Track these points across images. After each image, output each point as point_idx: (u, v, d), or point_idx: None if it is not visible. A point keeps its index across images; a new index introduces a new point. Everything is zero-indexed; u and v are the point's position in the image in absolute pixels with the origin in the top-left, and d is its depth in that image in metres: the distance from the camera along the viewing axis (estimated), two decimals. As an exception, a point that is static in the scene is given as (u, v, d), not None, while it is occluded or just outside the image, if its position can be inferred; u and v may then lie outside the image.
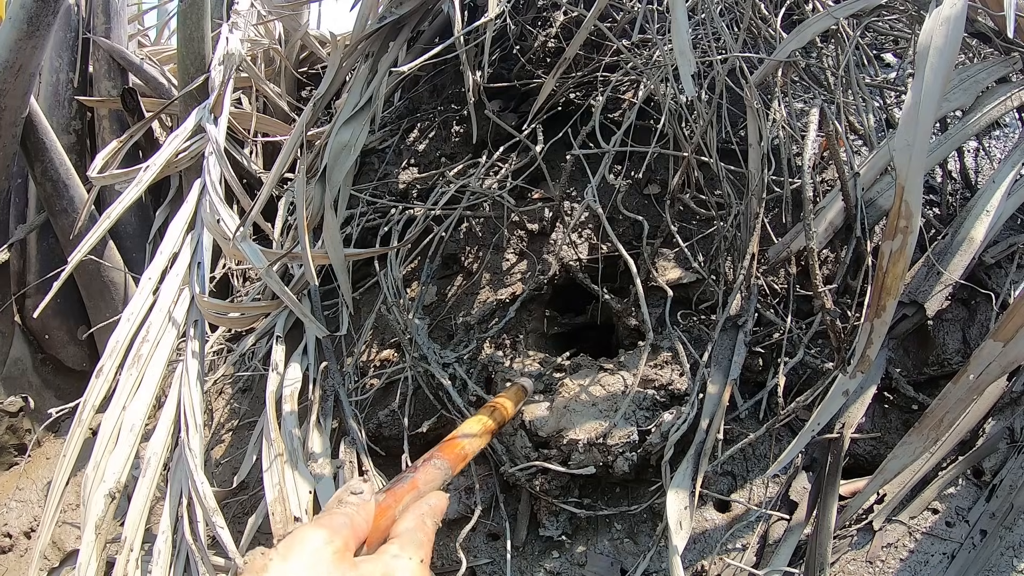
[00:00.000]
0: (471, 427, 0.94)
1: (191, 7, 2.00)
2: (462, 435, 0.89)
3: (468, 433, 0.91)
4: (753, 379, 1.35)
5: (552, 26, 1.79)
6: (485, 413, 1.02)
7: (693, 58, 1.08)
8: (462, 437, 0.89)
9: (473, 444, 0.90)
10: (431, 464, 0.76)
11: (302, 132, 1.69)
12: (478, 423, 0.97)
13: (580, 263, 1.54)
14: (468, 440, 0.89)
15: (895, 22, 1.72)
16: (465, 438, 0.89)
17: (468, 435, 0.90)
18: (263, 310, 1.68)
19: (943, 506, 1.14)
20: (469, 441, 0.89)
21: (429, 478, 0.74)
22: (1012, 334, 0.95)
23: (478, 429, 0.94)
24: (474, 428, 0.94)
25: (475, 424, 0.96)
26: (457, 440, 0.87)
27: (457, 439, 0.88)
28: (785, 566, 1.09)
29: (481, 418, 0.99)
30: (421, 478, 0.73)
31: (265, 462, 1.29)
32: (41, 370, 2.20)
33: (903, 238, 0.93)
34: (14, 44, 1.73)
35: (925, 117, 0.90)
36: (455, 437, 0.88)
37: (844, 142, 1.31)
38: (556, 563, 1.24)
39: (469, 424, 0.96)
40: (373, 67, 1.79)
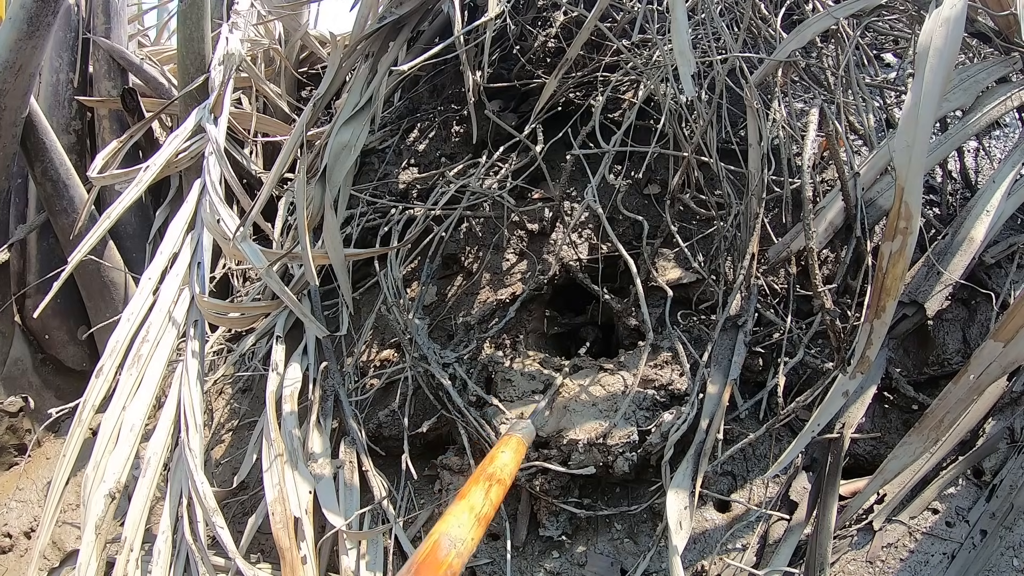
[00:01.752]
0: (458, 523, 0.69)
1: (191, 7, 2.00)
2: (447, 542, 0.65)
3: (455, 537, 0.67)
4: (753, 379, 1.35)
5: (552, 26, 1.79)
6: (479, 493, 0.78)
7: (693, 58, 1.08)
8: (447, 545, 0.65)
9: (463, 553, 0.67)
10: None
11: (302, 132, 1.69)
12: (469, 514, 0.72)
13: (580, 263, 1.54)
14: (456, 549, 0.66)
15: (895, 22, 1.72)
16: (451, 546, 0.65)
17: (455, 540, 0.66)
18: (263, 310, 1.67)
19: (943, 506, 1.14)
20: (457, 550, 0.66)
21: None
22: (1012, 334, 0.95)
23: (468, 524, 0.70)
24: (463, 524, 0.69)
25: (462, 516, 0.71)
26: (440, 553, 0.64)
27: (440, 549, 0.64)
28: (785, 566, 1.09)
29: (473, 504, 0.75)
30: None
31: (265, 462, 1.29)
32: (41, 370, 2.20)
33: (903, 239, 0.93)
34: (14, 44, 1.72)
35: (925, 117, 0.90)
36: (437, 544, 0.64)
37: (844, 142, 1.31)
38: (556, 563, 1.24)
39: (456, 516, 0.70)
40: (373, 67, 1.79)
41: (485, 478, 0.84)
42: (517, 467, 0.96)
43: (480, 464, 0.88)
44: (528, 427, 1.07)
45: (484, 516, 0.76)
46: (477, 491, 0.80)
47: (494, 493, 0.82)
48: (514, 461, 0.96)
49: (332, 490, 1.29)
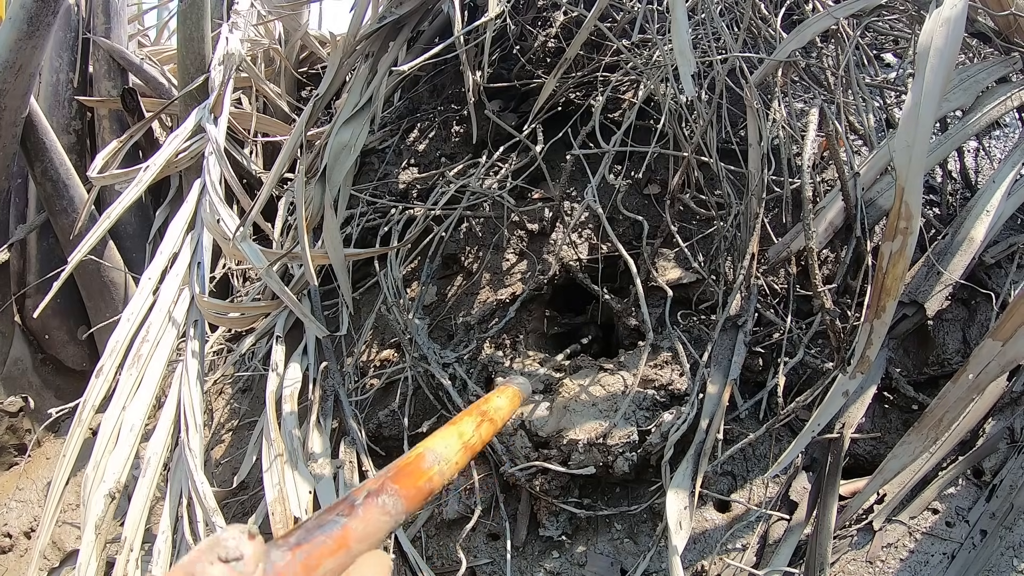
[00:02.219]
0: (445, 443, 0.68)
1: (191, 7, 2.00)
2: (432, 457, 0.64)
3: (440, 455, 0.65)
4: (753, 379, 1.35)
5: (552, 26, 1.79)
6: (470, 423, 0.78)
7: (693, 58, 1.08)
8: (432, 460, 0.63)
9: (445, 472, 0.64)
10: (376, 504, 0.51)
11: (302, 132, 1.69)
12: (457, 439, 0.71)
13: (580, 263, 1.54)
14: (439, 466, 0.63)
15: (895, 22, 1.72)
16: (435, 462, 0.63)
17: (440, 458, 0.64)
18: (263, 310, 1.68)
19: (943, 506, 1.14)
20: (440, 468, 0.64)
21: (369, 527, 0.48)
22: (1011, 333, 0.95)
23: (455, 448, 0.69)
24: (449, 446, 0.69)
25: (451, 439, 0.70)
26: (422, 464, 0.62)
27: (424, 461, 0.62)
28: (785, 566, 1.09)
29: (463, 431, 0.75)
30: (355, 528, 0.47)
31: (265, 462, 1.29)
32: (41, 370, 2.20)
33: (903, 239, 0.93)
34: (14, 44, 1.73)
35: (925, 117, 0.90)
36: (421, 456, 0.63)
37: (844, 142, 1.31)
38: (556, 563, 1.24)
39: (444, 437, 0.70)
40: (373, 67, 1.79)
41: (479, 413, 0.80)
42: (509, 415, 0.91)
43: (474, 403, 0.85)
44: (525, 383, 1.03)
45: (471, 445, 0.73)
46: (468, 421, 0.77)
47: (484, 429, 0.78)
48: (508, 407, 0.91)
49: (332, 490, 1.29)
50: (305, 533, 0.43)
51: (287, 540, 0.42)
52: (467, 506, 1.31)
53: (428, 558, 1.29)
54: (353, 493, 0.50)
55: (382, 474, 0.55)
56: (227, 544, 0.36)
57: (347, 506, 0.48)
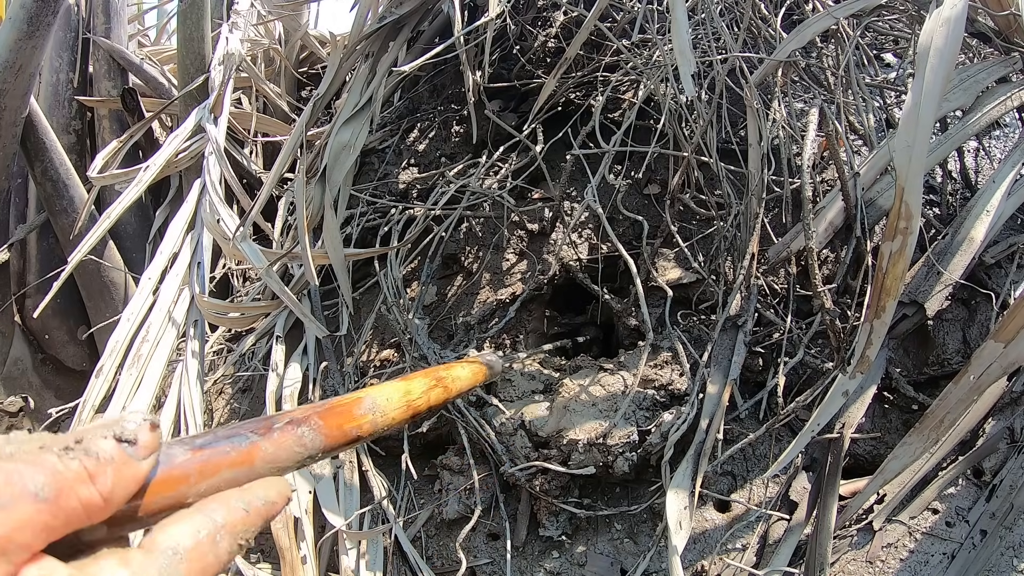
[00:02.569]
0: (387, 395, 0.63)
1: (191, 7, 2.00)
2: (369, 404, 0.59)
3: (378, 405, 0.60)
4: (753, 379, 1.35)
5: (552, 26, 1.79)
6: (421, 384, 0.71)
7: (693, 58, 1.08)
8: (367, 407, 0.58)
9: (378, 423, 0.59)
10: (294, 432, 0.47)
11: (302, 132, 1.69)
12: (402, 395, 0.65)
13: (580, 263, 1.54)
14: (372, 416, 0.58)
15: (895, 22, 1.72)
16: (371, 410, 0.58)
17: (376, 408, 0.59)
18: (263, 310, 1.68)
19: (943, 506, 1.14)
20: (373, 418, 0.58)
21: (280, 452, 0.45)
22: (1013, 335, 0.95)
23: (396, 403, 0.63)
24: (391, 399, 0.63)
25: (394, 392, 0.64)
26: (356, 409, 0.57)
27: (359, 406, 0.58)
28: (785, 566, 1.09)
29: (411, 388, 0.68)
30: (265, 448, 0.44)
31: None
32: (41, 370, 2.20)
33: (903, 239, 0.93)
34: (14, 44, 1.73)
35: (925, 117, 0.90)
36: (359, 400, 0.58)
37: (844, 142, 1.31)
38: (556, 563, 1.24)
39: (389, 389, 0.64)
40: (373, 67, 1.79)
41: (434, 377, 0.74)
42: (468, 387, 0.85)
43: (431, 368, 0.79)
44: (496, 361, 0.94)
45: (414, 405, 0.67)
46: (420, 382, 0.71)
47: (435, 394, 0.72)
48: (468, 379, 0.85)
49: (332, 490, 1.30)
50: (212, 438, 0.41)
51: (192, 440, 0.40)
52: (467, 506, 1.31)
53: (428, 558, 1.29)
54: (277, 416, 0.48)
55: (313, 406, 0.53)
56: (127, 426, 0.34)
57: (264, 426, 0.46)
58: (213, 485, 0.39)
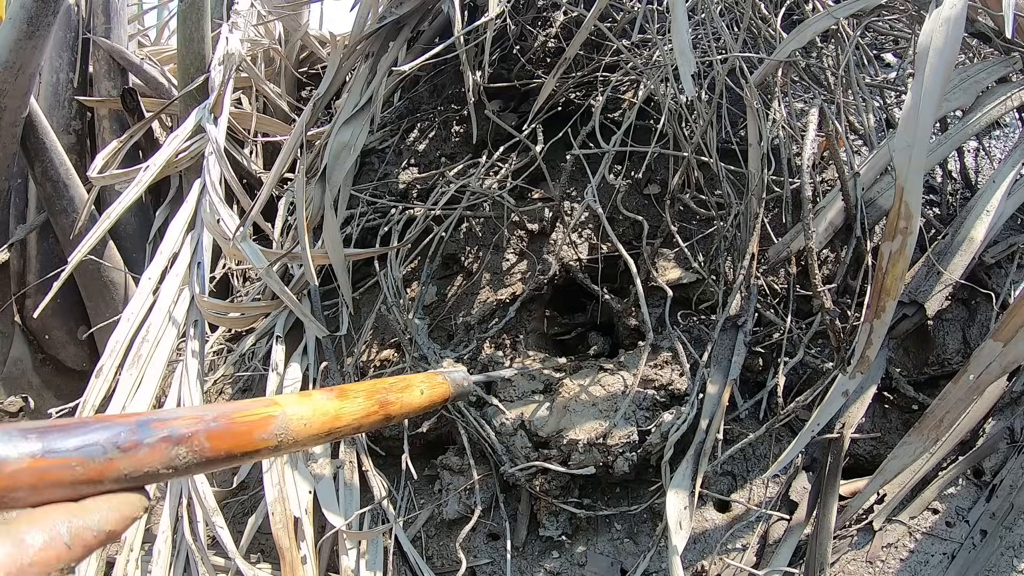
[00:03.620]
0: (307, 417, 0.52)
1: (191, 7, 2.00)
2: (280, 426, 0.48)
3: (289, 429, 0.49)
4: (753, 379, 1.35)
5: (552, 26, 1.79)
6: (358, 407, 0.59)
7: (693, 58, 1.08)
8: (276, 431, 0.48)
9: (282, 448, 0.49)
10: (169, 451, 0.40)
11: (302, 132, 1.69)
12: (327, 419, 0.54)
13: (580, 263, 1.54)
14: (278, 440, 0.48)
15: (895, 22, 1.72)
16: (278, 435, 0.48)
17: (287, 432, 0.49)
18: (263, 310, 1.67)
19: (943, 506, 1.14)
20: (279, 442, 0.49)
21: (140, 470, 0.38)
22: (1012, 334, 0.95)
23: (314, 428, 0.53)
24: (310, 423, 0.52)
25: (317, 415, 0.53)
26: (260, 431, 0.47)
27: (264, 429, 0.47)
28: (785, 566, 1.09)
29: (340, 410, 0.56)
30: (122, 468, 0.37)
31: (265, 462, 1.29)
32: (41, 370, 2.20)
33: (903, 239, 0.93)
34: (14, 44, 1.73)
35: (925, 117, 0.90)
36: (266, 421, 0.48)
37: (844, 142, 1.31)
38: (556, 563, 1.24)
39: (308, 409, 0.53)
40: (373, 67, 1.79)
41: (378, 401, 0.62)
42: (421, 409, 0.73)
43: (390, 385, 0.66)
44: (463, 375, 0.81)
45: (338, 432, 0.56)
46: (358, 403, 0.59)
47: (371, 420, 0.60)
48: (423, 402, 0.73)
49: (332, 490, 1.30)
50: (64, 436, 0.34)
51: (43, 434, 0.33)
52: (467, 506, 1.31)
53: (428, 558, 1.29)
54: (153, 425, 0.40)
55: (204, 419, 0.43)
56: None
57: (132, 441, 0.38)
58: (45, 497, 0.33)
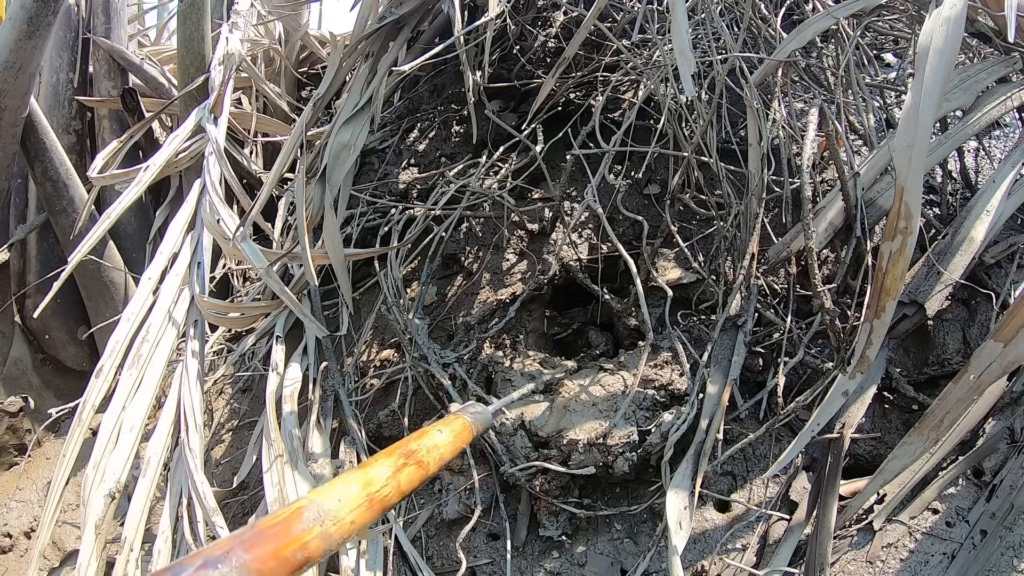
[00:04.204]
0: (338, 495, 0.51)
1: (191, 7, 2.00)
2: (314, 513, 0.47)
3: (326, 511, 0.48)
4: (753, 379, 1.35)
5: (552, 26, 1.79)
6: (386, 467, 0.58)
7: (693, 58, 1.08)
8: (311, 518, 0.47)
9: (333, 535, 0.48)
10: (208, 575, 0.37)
11: (302, 132, 1.69)
12: (360, 489, 0.53)
13: (580, 263, 1.54)
14: (321, 527, 0.47)
15: (895, 22, 1.72)
16: (316, 521, 0.47)
17: (324, 516, 0.48)
18: (263, 310, 1.67)
19: (943, 506, 1.14)
20: (323, 530, 0.47)
21: None
22: (1012, 334, 0.95)
23: (352, 502, 0.52)
24: (344, 498, 0.51)
25: (347, 489, 0.52)
26: (295, 524, 0.46)
27: (299, 521, 0.46)
28: (785, 566, 1.09)
29: (371, 478, 0.56)
30: None
31: (265, 462, 1.29)
32: (41, 370, 2.20)
33: (903, 239, 0.93)
34: (14, 44, 1.73)
35: (925, 117, 0.90)
36: (297, 513, 0.47)
37: (844, 142, 1.31)
38: (556, 563, 1.24)
39: (342, 486, 0.52)
40: (373, 67, 1.79)
41: (403, 454, 0.62)
42: (453, 453, 0.75)
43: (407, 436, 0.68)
44: (483, 413, 0.83)
45: (381, 499, 0.55)
46: (384, 466, 0.58)
47: (406, 475, 0.60)
48: (450, 445, 0.74)
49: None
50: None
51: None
52: (467, 506, 1.31)
53: (428, 558, 1.29)
54: (184, 560, 0.38)
55: (237, 535, 0.42)
56: None
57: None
58: None
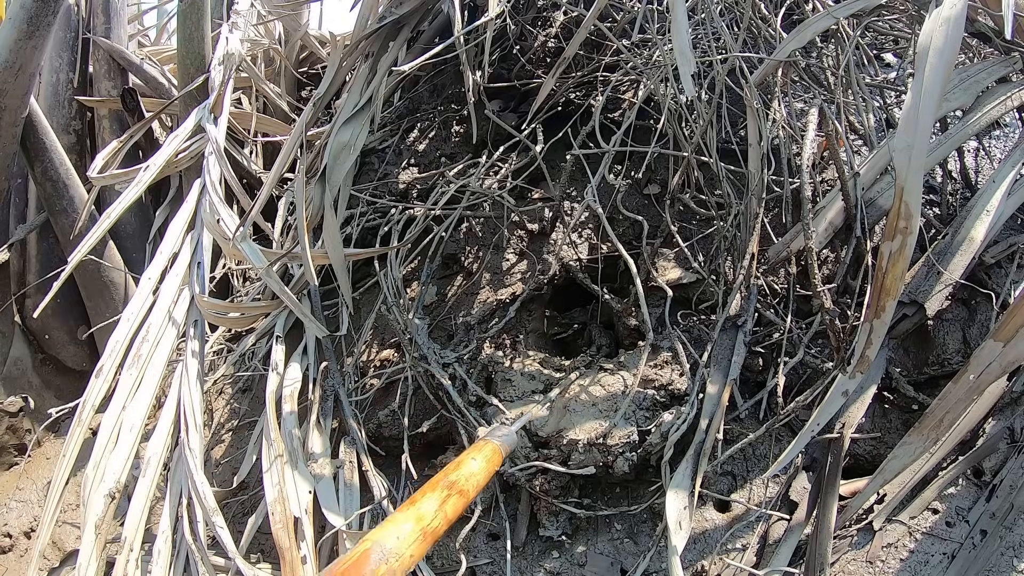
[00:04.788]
0: (397, 534, 0.57)
1: (191, 7, 2.00)
2: (379, 554, 0.53)
3: (389, 551, 0.55)
4: (753, 379, 1.35)
5: (552, 26, 1.79)
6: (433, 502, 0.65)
7: (693, 58, 1.08)
8: (379, 557, 0.53)
9: (396, 570, 0.55)
10: None
11: (302, 132, 1.69)
12: (414, 525, 0.59)
13: (580, 263, 1.54)
14: (389, 564, 0.54)
15: (895, 22, 1.72)
16: (382, 560, 0.53)
17: (388, 555, 0.54)
18: (263, 310, 1.67)
19: (943, 506, 1.14)
20: (391, 566, 0.54)
21: None
22: (1012, 334, 0.95)
23: (410, 538, 0.58)
24: (402, 536, 0.57)
25: (404, 527, 0.58)
26: (367, 566, 0.53)
27: (368, 561, 0.53)
28: (785, 566, 1.09)
29: (422, 513, 0.62)
30: None
31: (265, 462, 1.29)
32: (41, 370, 2.20)
33: (902, 239, 0.93)
34: (14, 44, 1.72)
35: (925, 117, 0.90)
36: (366, 555, 0.53)
37: (844, 142, 1.31)
38: (556, 563, 1.24)
39: (398, 525, 0.58)
40: (373, 67, 1.79)
41: (445, 486, 0.70)
42: (487, 478, 0.82)
43: (444, 468, 0.74)
44: (509, 436, 0.91)
45: (432, 531, 0.62)
46: (431, 500, 0.66)
47: (451, 505, 0.68)
48: (484, 471, 0.82)
49: (332, 490, 1.29)
50: None
51: None
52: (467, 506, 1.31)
53: (428, 558, 1.29)
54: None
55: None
56: None
57: None
58: None
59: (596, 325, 1.59)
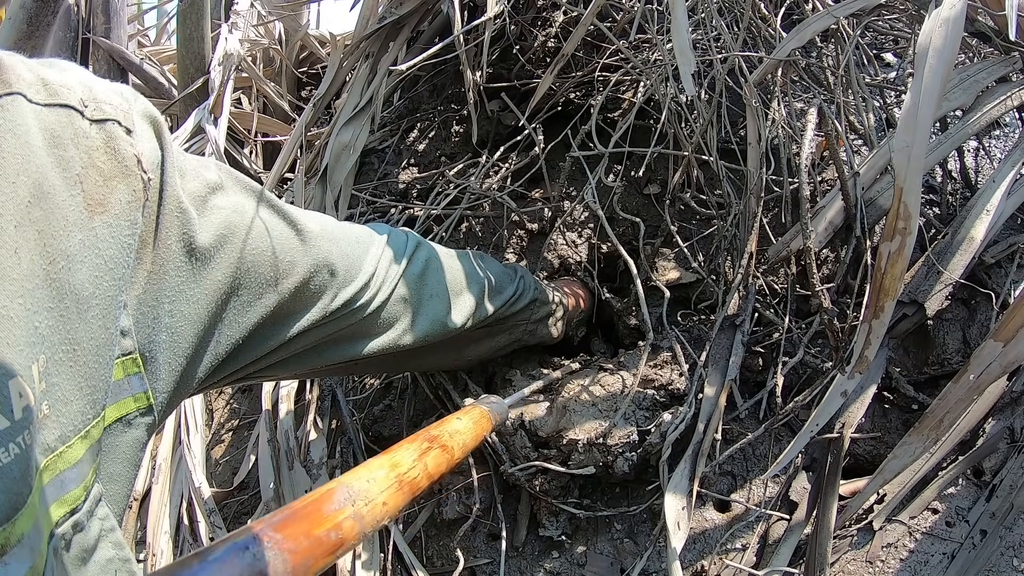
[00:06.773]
0: (371, 477, 0.52)
1: (191, 7, 2.00)
2: (344, 494, 0.48)
3: (356, 492, 0.49)
4: (753, 379, 1.35)
5: (552, 26, 1.79)
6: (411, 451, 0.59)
7: (693, 58, 1.07)
8: (344, 498, 0.48)
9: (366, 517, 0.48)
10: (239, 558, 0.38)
11: (302, 132, 1.69)
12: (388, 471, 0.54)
13: (580, 263, 1.54)
14: (356, 507, 0.48)
15: (895, 22, 1.72)
16: (350, 501, 0.48)
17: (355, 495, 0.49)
18: (263, 310, 1.67)
19: (943, 506, 1.14)
20: (355, 510, 0.47)
21: None
22: (1012, 334, 0.95)
23: (382, 483, 0.52)
24: (373, 479, 0.51)
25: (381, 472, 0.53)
26: (329, 504, 0.46)
27: (330, 501, 0.47)
28: (785, 566, 1.09)
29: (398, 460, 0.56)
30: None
31: (262, 463, 1.30)
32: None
33: (901, 239, 0.93)
34: (14, 44, 1.73)
35: (924, 117, 0.90)
36: (328, 494, 0.47)
37: (844, 142, 1.31)
38: (556, 563, 1.24)
39: (370, 469, 0.53)
40: (373, 67, 1.79)
41: (425, 438, 0.63)
42: (475, 441, 0.75)
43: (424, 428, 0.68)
44: (499, 404, 0.85)
45: (410, 481, 0.55)
46: (408, 449, 0.59)
47: (432, 457, 0.60)
48: (470, 432, 0.74)
49: (331, 490, 1.29)
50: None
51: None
52: (466, 506, 1.31)
53: (428, 558, 1.29)
54: (216, 544, 0.38)
55: (265, 519, 0.42)
56: None
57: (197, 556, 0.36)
58: None
59: (597, 338, 1.58)
